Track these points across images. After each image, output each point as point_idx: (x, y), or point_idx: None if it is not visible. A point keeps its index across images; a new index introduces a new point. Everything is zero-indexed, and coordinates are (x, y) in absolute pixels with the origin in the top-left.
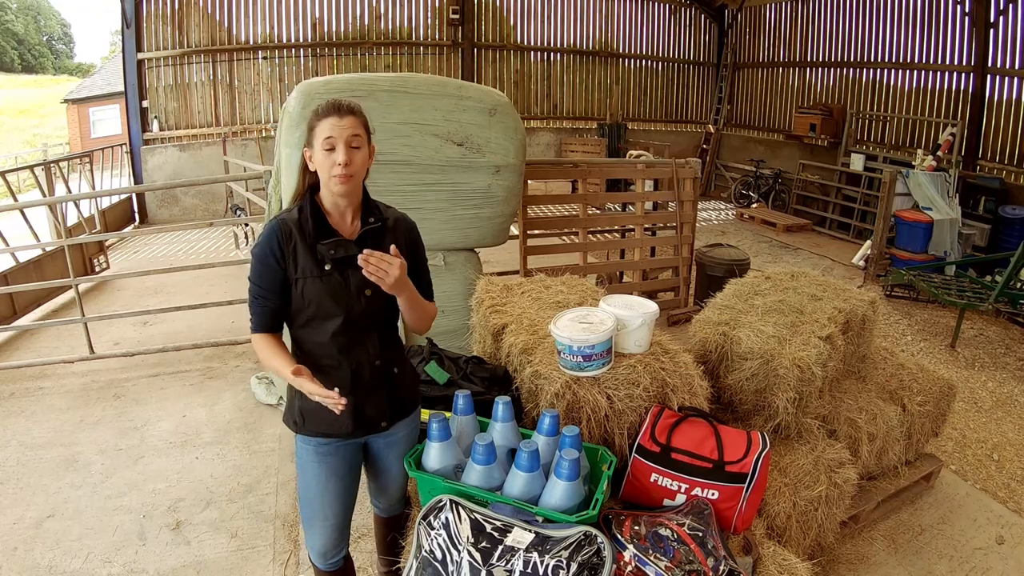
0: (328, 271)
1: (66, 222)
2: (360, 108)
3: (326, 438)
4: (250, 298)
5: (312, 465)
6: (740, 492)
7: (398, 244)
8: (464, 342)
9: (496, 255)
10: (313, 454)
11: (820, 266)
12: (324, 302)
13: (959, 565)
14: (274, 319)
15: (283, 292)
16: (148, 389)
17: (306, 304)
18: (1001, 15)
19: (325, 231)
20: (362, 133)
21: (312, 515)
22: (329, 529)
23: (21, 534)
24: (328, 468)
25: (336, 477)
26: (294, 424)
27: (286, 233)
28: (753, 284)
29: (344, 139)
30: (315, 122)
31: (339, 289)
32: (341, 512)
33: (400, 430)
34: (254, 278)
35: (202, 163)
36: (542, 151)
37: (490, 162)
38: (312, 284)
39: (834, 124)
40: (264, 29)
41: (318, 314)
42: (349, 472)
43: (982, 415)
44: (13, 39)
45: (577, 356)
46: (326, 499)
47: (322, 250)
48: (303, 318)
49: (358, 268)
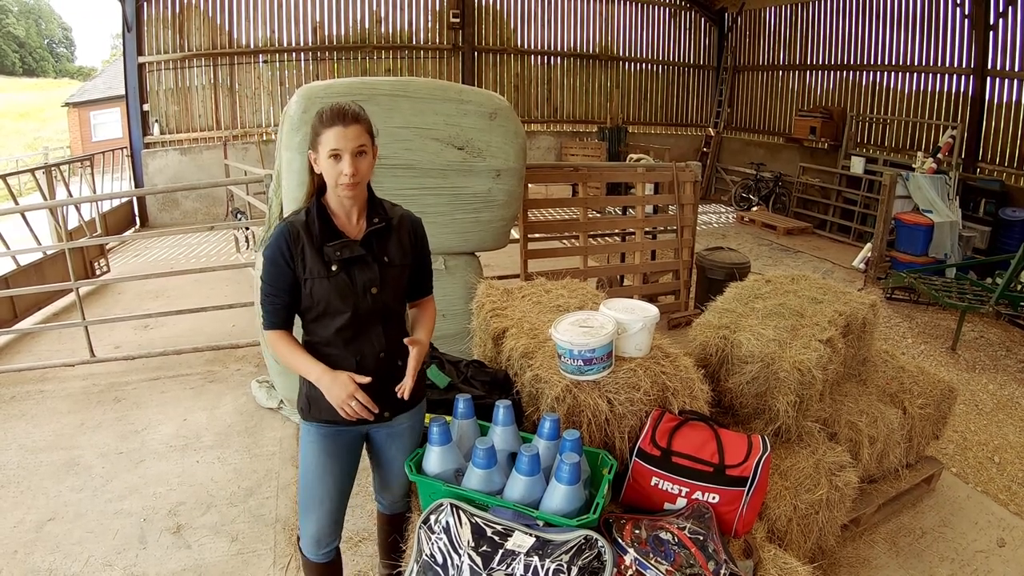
0: (335, 272)
1: (67, 225)
2: (364, 113)
3: (331, 425)
4: (262, 296)
5: (313, 446)
6: (741, 496)
7: (402, 243)
8: (464, 346)
9: (496, 259)
10: (316, 438)
11: (820, 269)
12: (332, 301)
13: (960, 568)
14: (286, 316)
15: (293, 291)
16: (149, 393)
17: (315, 303)
18: (1000, 17)
19: (331, 233)
20: (367, 140)
21: (310, 499)
22: (324, 514)
23: (21, 537)
24: (328, 451)
25: (334, 459)
26: (302, 410)
27: (293, 235)
28: (753, 287)
29: (350, 150)
30: (320, 129)
31: (346, 288)
32: (337, 497)
33: (403, 422)
34: (265, 278)
35: (203, 167)
36: (542, 155)
37: (490, 166)
38: (320, 284)
39: (834, 127)
40: (265, 33)
41: (327, 311)
42: (348, 456)
43: (983, 418)
44: (14, 42)
45: (578, 360)
46: (324, 480)
47: (328, 251)
48: (312, 315)
49: (364, 267)
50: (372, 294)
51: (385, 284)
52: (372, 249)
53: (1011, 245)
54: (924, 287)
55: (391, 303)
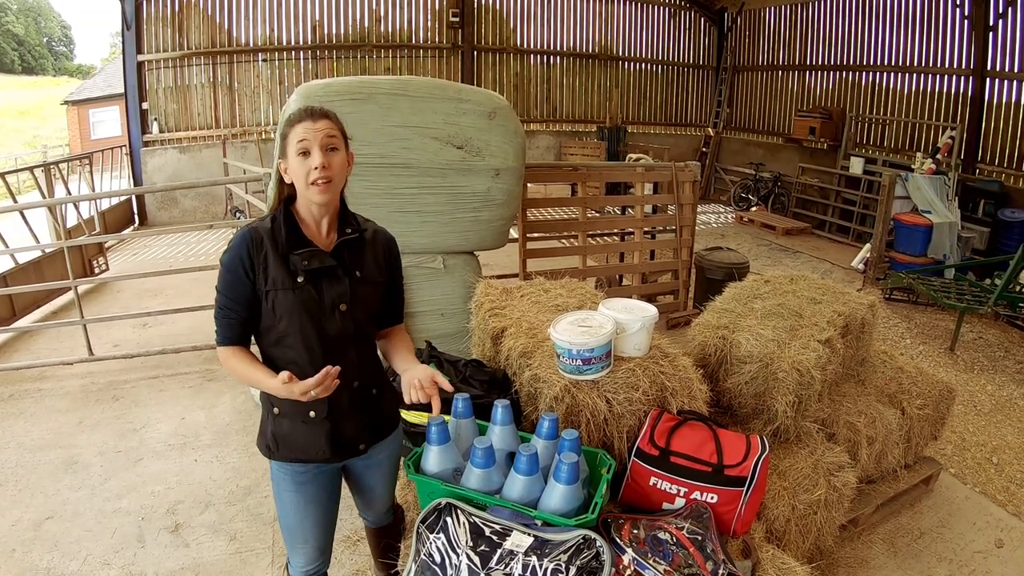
0: (301, 283)
1: (66, 224)
2: (334, 113)
3: (302, 463)
4: (216, 309)
5: (289, 493)
6: (739, 496)
7: (376, 259)
8: (463, 345)
9: (495, 258)
10: (290, 482)
11: (819, 269)
12: (296, 317)
13: (958, 569)
14: (242, 332)
15: (251, 304)
16: (147, 391)
17: (277, 319)
18: (1000, 18)
19: (299, 241)
20: (338, 135)
21: (293, 539)
22: (311, 550)
23: (19, 536)
24: (306, 496)
25: (315, 504)
26: (267, 449)
27: (257, 241)
28: (752, 287)
29: (319, 141)
30: (287, 129)
31: (312, 303)
32: (322, 536)
33: (379, 452)
34: (221, 288)
35: (202, 165)
36: (541, 154)
37: (489, 165)
38: (283, 297)
39: (833, 127)
40: (264, 31)
41: (289, 330)
42: (328, 498)
43: (981, 418)
44: (13, 40)
45: (576, 360)
46: (305, 525)
47: (295, 260)
48: (274, 335)
49: (333, 281)
50: (341, 311)
51: (356, 301)
52: (343, 261)
53: (1010, 246)
54: (923, 288)
55: (362, 324)
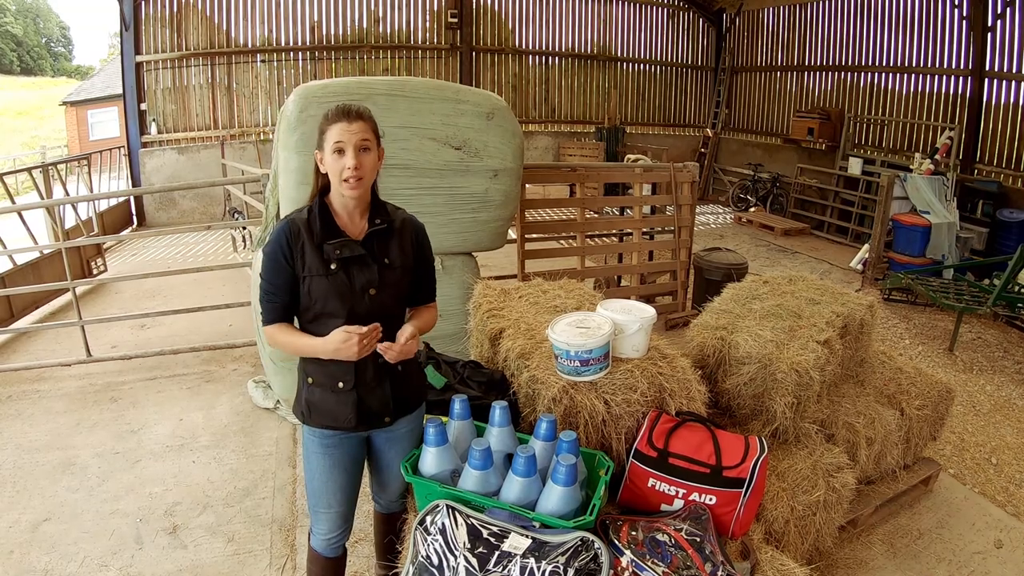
0: (333, 270)
1: (64, 225)
2: (369, 112)
3: (330, 430)
4: (261, 293)
5: (317, 456)
6: (738, 497)
7: (403, 246)
8: (461, 346)
9: (494, 259)
10: (318, 445)
11: (818, 270)
12: (330, 300)
13: (957, 569)
14: (284, 314)
15: (292, 289)
16: (145, 392)
17: (312, 301)
18: (998, 19)
19: (332, 231)
20: (371, 137)
21: (317, 503)
22: (334, 516)
23: (17, 537)
24: (332, 460)
25: (339, 468)
26: (301, 415)
27: (294, 232)
28: (751, 288)
29: (353, 143)
30: (325, 126)
31: (344, 288)
32: (345, 502)
33: (403, 426)
34: (264, 274)
35: (200, 166)
36: (540, 155)
37: (488, 166)
38: (318, 282)
39: (832, 128)
40: (262, 32)
41: (324, 311)
42: (352, 464)
43: (980, 419)
44: (12, 41)
45: (574, 361)
46: (330, 488)
47: (328, 249)
48: (310, 315)
49: (363, 267)
50: (370, 295)
51: (384, 286)
52: (372, 250)
53: (1009, 246)
54: (922, 288)
55: (390, 306)
